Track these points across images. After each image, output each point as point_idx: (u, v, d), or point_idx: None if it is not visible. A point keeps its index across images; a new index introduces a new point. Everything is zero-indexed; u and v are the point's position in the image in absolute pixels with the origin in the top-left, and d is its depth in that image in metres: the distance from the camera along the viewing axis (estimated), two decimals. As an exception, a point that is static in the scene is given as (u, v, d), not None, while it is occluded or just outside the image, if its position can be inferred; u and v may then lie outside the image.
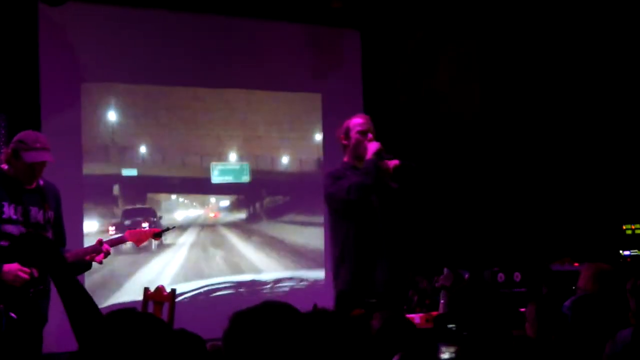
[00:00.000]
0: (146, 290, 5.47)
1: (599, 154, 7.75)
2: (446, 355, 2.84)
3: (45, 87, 6.81)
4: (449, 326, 4.08)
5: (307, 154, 8.23)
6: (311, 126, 8.18)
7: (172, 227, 5.33)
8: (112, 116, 7.31)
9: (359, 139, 4.86)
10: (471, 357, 2.70)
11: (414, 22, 8.13)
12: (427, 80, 8.27)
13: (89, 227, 7.05)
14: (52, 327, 4.62)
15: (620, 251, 7.23)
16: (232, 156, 8.06)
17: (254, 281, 7.82)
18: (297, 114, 8.16)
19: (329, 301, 7.07)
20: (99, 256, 4.32)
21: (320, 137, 8.15)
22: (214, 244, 7.80)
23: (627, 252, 7.25)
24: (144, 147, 7.67)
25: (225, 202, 8.09)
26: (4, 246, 4.23)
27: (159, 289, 5.34)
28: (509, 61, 8.06)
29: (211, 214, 7.94)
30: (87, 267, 4.39)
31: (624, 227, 7.36)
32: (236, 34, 7.72)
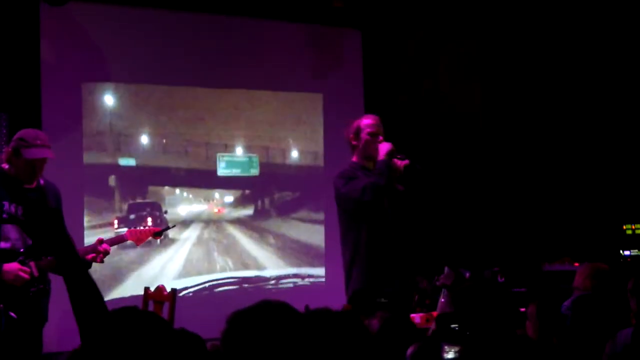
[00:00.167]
0: (146, 289, 5.46)
1: (600, 154, 7.75)
2: (450, 355, 2.85)
3: (46, 87, 6.81)
4: (452, 326, 4.09)
5: (308, 153, 8.21)
6: (312, 126, 8.17)
7: (172, 225, 5.35)
8: (112, 111, 7.29)
9: (370, 140, 4.86)
10: (475, 357, 2.70)
11: (415, 21, 8.12)
12: (427, 80, 8.27)
13: (90, 223, 7.01)
14: (52, 327, 4.62)
15: (620, 251, 7.23)
16: (239, 150, 7.87)
17: (258, 277, 7.76)
18: (298, 113, 8.15)
19: (331, 298, 7.11)
20: (99, 256, 4.32)
21: (321, 136, 8.15)
22: (217, 239, 7.72)
23: (627, 252, 7.25)
24: (145, 137, 7.51)
25: (229, 197, 7.95)
26: (5, 248, 4.23)
27: (160, 289, 5.33)
28: (510, 61, 8.05)
29: (215, 209, 7.81)
30: (87, 266, 4.40)
31: (624, 227, 7.35)
32: (237, 34, 7.71)
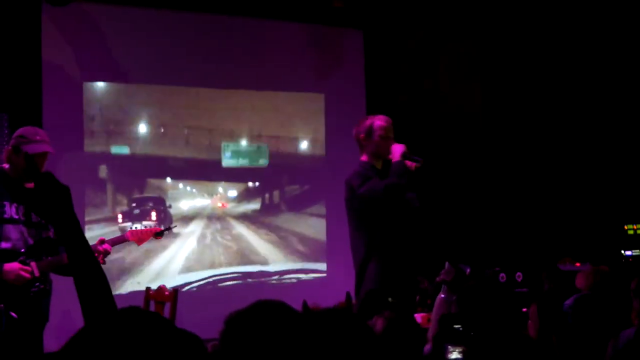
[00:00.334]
0: (148, 289, 5.47)
1: (601, 154, 7.74)
2: (454, 355, 2.84)
3: (47, 87, 6.81)
4: (455, 326, 4.08)
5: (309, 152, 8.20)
6: (313, 126, 8.16)
7: (174, 225, 5.34)
8: (113, 110, 7.28)
9: (383, 141, 4.87)
10: (479, 357, 2.70)
11: (416, 21, 8.12)
12: (428, 79, 8.27)
13: (90, 223, 7.00)
14: (52, 327, 4.61)
15: (622, 251, 7.23)
16: (245, 139, 7.64)
17: (261, 272, 7.74)
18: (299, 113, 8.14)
19: (332, 293, 7.12)
20: (99, 256, 4.31)
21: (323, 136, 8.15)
22: (222, 234, 7.67)
23: (628, 252, 7.25)
24: (142, 125, 7.35)
25: (233, 192, 7.82)
26: (5, 248, 4.22)
27: (161, 289, 5.34)
28: (510, 61, 8.05)
29: (219, 204, 7.72)
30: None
31: (625, 227, 7.35)
32: (238, 34, 7.71)
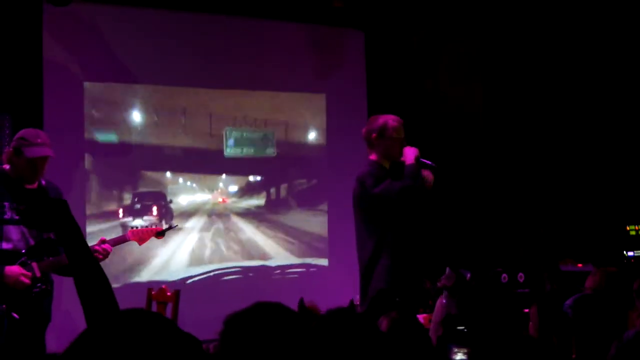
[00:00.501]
0: (149, 290, 5.46)
1: (603, 155, 7.74)
2: (459, 356, 2.84)
3: (48, 88, 6.81)
4: (458, 328, 4.08)
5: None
6: (314, 126, 8.15)
7: (175, 225, 5.34)
8: (113, 110, 7.26)
9: (396, 143, 4.87)
10: (483, 358, 2.70)
11: (417, 21, 8.12)
12: (429, 79, 8.27)
13: (90, 218, 6.99)
14: (55, 327, 4.61)
15: (624, 252, 7.22)
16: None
17: (262, 268, 7.71)
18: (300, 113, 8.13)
19: (334, 290, 7.11)
20: (99, 257, 4.31)
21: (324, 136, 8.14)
22: (223, 230, 7.63)
23: (631, 253, 7.24)
24: (137, 113, 7.18)
25: (234, 187, 7.71)
26: (7, 249, 4.22)
27: (163, 290, 5.33)
28: (511, 61, 8.04)
29: (219, 199, 7.62)
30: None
31: (627, 228, 7.34)
32: (239, 34, 7.71)
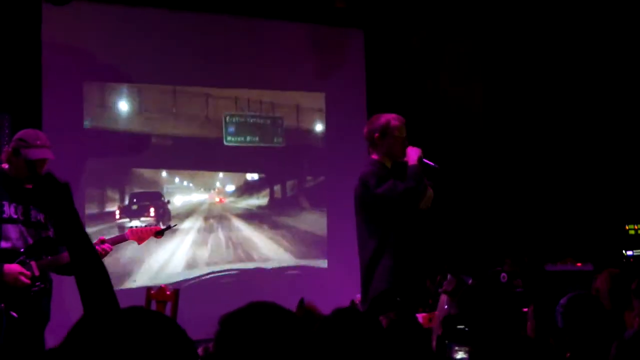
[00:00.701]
0: (149, 289, 5.45)
1: (602, 154, 7.74)
2: (459, 355, 2.84)
3: (47, 87, 6.81)
4: (458, 327, 4.09)
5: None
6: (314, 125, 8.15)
7: (174, 225, 5.33)
8: (114, 110, 7.25)
9: (399, 142, 4.86)
10: (484, 357, 2.69)
11: (417, 21, 8.12)
12: (429, 79, 8.26)
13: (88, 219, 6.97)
14: (54, 326, 4.61)
15: (623, 251, 7.22)
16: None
17: (261, 269, 7.70)
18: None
19: (333, 290, 7.11)
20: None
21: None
22: (221, 230, 7.60)
23: (630, 252, 7.24)
24: (124, 104, 7.05)
25: (231, 186, 7.62)
26: (5, 248, 4.22)
27: (162, 289, 5.32)
28: (511, 60, 8.04)
29: (216, 199, 7.56)
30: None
31: (627, 227, 7.34)
32: (240, 34, 7.71)
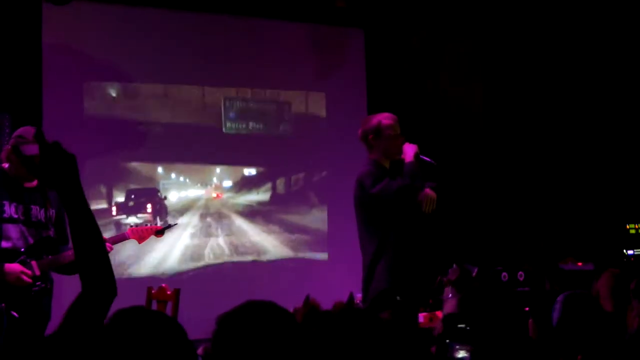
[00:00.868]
0: (149, 289, 5.45)
1: (603, 154, 7.74)
2: (461, 354, 2.84)
3: (47, 87, 6.81)
4: (459, 326, 4.07)
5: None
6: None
7: (175, 224, 5.34)
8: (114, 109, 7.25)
9: (393, 141, 4.84)
10: (485, 356, 2.69)
11: (417, 21, 8.12)
12: (430, 79, 8.26)
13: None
14: (54, 326, 4.60)
15: (624, 250, 7.22)
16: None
17: (259, 263, 7.66)
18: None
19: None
20: None
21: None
22: (218, 226, 7.57)
23: (630, 252, 7.24)
24: (113, 90, 7.00)
25: (228, 182, 7.57)
26: (6, 247, 4.22)
27: (163, 288, 5.32)
28: (512, 60, 8.04)
29: (213, 195, 7.53)
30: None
31: (627, 226, 7.34)
32: (240, 34, 7.71)
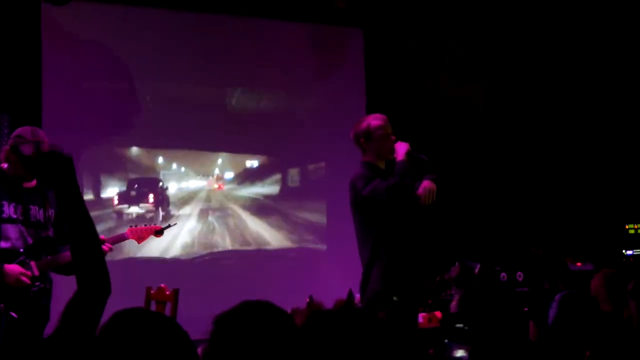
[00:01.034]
0: (148, 290, 5.45)
1: (602, 154, 7.74)
2: (459, 353, 2.84)
3: (47, 87, 6.80)
4: (457, 325, 4.08)
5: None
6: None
7: (174, 224, 5.33)
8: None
9: (384, 142, 4.82)
10: (483, 356, 2.69)
11: (417, 21, 8.12)
12: (429, 79, 8.26)
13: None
14: (53, 326, 4.60)
15: (623, 251, 7.22)
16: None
17: (259, 254, 7.65)
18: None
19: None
20: None
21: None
22: (220, 217, 7.57)
23: (629, 252, 7.24)
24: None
25: (230, 173, 7.59)
26: (5, 248, 4.22)
27: (162, 289, 5.32)
28: (512, 60, 8.04)
29: (215, 186, 7.53)
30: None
31: (626, 226, 7.34)
32: (239, 34, 7.71)
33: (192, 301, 5.89)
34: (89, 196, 6.97)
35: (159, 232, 4.70)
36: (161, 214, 7.19)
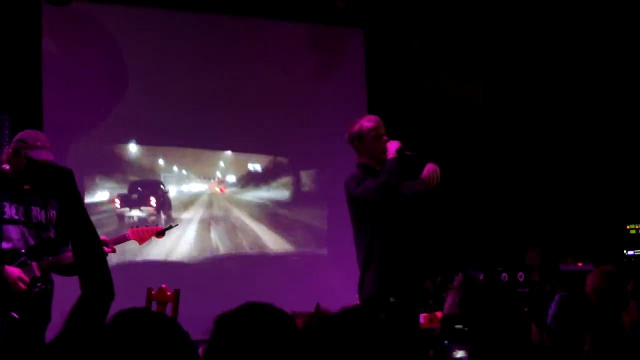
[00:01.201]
0: (149, 290, 5.45)
1: (603, 154, 7.73)
2: (459, 355, 2.84)
3: (47, 88, 6.80)
4: (456, 326, 4.06)
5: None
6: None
7: (175, 224, 5.33)
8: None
9: (376, 143, 4.81)
10: (483, 358, 2.69)
11: (417, 21, 8.12)
12: (429, 79, 8.26)
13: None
14: (54, 327, 4.60)
15: (624, 251, 7.22)
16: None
17: (261, 258, 7.65)
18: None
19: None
20: None
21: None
22: (220, 221, 7.58)
23: (630, 252, 7.24)
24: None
25: (231, 177, 7.60)
26: (6, 248, 4.22)
27: (163, 289, 5.32)
28: (512, 60, 8.04)
29: (216, 189, 7.52)
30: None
31: (627, 227, 7.34)
32: (240, 34, 7.71)
33: (192, 302, 5.90)
34: (89, 199, 6.97)
35: (161, 233, 4.70)
36: (163, 217, 7.19)
